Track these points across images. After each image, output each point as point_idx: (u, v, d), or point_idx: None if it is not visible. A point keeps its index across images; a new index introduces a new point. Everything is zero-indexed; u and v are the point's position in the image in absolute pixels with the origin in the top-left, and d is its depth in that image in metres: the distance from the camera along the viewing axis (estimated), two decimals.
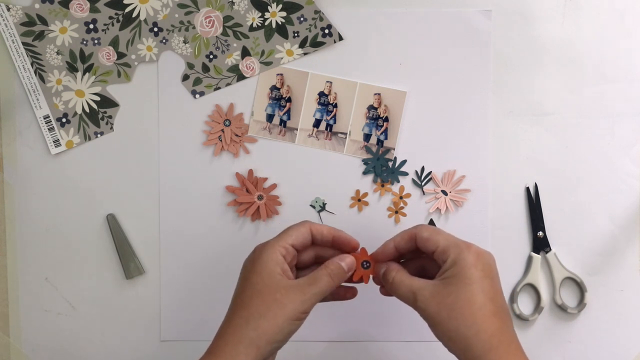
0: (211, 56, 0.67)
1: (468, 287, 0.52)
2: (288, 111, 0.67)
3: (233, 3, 0.66)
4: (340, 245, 0.57)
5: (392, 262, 0.57)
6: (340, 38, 0.66)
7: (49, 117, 0.67)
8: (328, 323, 0.69)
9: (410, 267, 0.57)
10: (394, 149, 0.67)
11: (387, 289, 0.56)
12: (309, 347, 0.69)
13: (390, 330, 0.69)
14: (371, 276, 0.57)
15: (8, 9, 0.66)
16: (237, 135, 0.67)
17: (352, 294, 0.59)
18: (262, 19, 0.66)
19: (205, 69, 0.67)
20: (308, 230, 0.56)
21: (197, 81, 0.67)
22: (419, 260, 0.58)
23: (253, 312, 0.53)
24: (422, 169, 0.68)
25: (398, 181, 0.68)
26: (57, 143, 0.67)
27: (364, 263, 0.57)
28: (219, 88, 0.67)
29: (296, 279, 0.55)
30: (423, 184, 0.68)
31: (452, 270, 0.52)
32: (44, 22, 0.66)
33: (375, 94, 0.67)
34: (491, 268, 0.54)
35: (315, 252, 0.58)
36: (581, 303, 0.68)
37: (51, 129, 0.67)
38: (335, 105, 0.67)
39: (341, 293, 0.59)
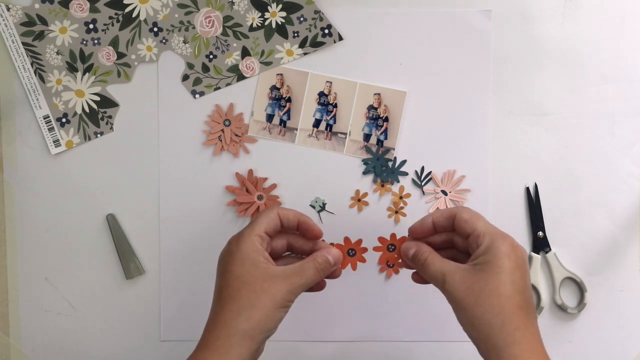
0: (211, 56, 0.67)
1: (498, 275, 0.51)
2: (288, 111, 0.67)
3: (233, 3, 0.66)
4: (303, 231, 0.58)
5: (424, 244, 0.57)
6: (340, 38, 0.66)
7: (48, 117, 0.67)
8: (329, 323, 0.69)
9: (441, 254, 0.56)
10: (393, 149, 0.67)
11: (417, 269, 0.56)
12: (309, 347, 0.69)
13: (392, 330, 0.69)
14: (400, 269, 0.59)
15: (8, 9, 0.66)
16: (237, 135, 0.67)
17: (319, 287, 0.58)
18: (262, 19, 0.66)
19: (205, 69, 0.67)
20: (277, 216, 0.57)
21: (197, 81, 0.67)
22: (450, 251, 0.58)
23: (243, 303, 0.53)
24: (422, 169, 0.68)
25: (398, 181, 0.68)
26: (57, 143, 0.67)
27: (390, 247, 0.58)
28: (219, 88, 0.67)
29: (281, 267, 0.55)
30: (423, 184, 0.68)
31: (485, 257, 0.52)
32: (44, 22, 0.66)
33: (375, 94, 0.67)
34: (524, 261, 0.53)
35: (287, 240, 0.58)
36: (581, 303, 0.68)
37: (51, 129, 0.67)
38: (335, 105, 0.67)
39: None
